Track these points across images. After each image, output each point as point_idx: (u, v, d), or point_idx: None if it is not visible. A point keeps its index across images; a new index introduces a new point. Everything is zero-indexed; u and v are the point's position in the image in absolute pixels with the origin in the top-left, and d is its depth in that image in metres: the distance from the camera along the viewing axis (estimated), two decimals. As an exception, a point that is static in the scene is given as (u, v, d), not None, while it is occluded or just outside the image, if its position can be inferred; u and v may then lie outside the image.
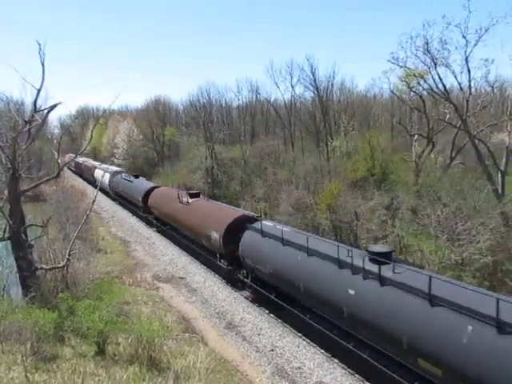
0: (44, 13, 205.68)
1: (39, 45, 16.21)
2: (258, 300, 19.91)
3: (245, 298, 20.76)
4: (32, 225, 18.42)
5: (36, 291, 15.56)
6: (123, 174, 47.86)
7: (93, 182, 59.46)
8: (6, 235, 16.65)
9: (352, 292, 13.30)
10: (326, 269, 14.71)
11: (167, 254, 28.91)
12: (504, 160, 25.84)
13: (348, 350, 14.09)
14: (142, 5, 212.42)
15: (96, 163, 66.35)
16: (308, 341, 16.26)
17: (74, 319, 14.20)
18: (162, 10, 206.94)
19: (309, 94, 50.10)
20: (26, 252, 16.35)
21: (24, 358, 11.46)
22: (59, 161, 18.72)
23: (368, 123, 50.38)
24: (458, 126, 28.51)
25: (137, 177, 45.20)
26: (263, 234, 19.09)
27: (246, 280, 20.77)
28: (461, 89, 28.38)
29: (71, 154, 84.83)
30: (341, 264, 14.10)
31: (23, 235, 16.82)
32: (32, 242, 17.48)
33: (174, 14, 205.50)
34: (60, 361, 12.51)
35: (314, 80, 45.32)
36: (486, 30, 24.80)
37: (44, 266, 16.95)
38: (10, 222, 16.27)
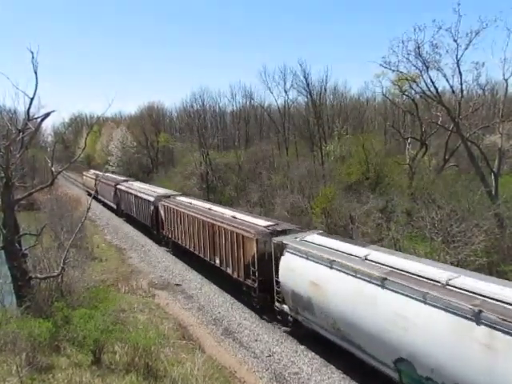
0: (35, 20, 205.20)
1: (32, 53, 16.19)
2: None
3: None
4: (26, 234, 18.28)
5: (30, 301, 15.42)
6: None
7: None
8: (0, 245, 16.53)
9: None
10: None
11: (163, 261, 28.78)
12: (497, 162, 26.05)
13: (345, 353, 14.05)
14: (134, 11, 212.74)
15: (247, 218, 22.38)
16: (305, 346, 16.19)
17: (69, 328, 14.08)
18: (155, 17, 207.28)
19: (302, 99, 50.41)
20: (20, 261, 16.22)
21: (19, 369, 11.35)
22: (53, 169, 18.60)
23: (361, 127, 50.60)
24: (450, 128, 28.72)
25: None
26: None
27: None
28: (453, 92, 28.63)
29: (94, 171, 61.44)
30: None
31: (17, 244, 16.70)
32: (26, 251, 17.35)
33: (167, 20, 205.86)
34: (56, 371, 12.40)
35: (307, 85, 45.54)
36: (477, 34, 25.09)
37: (38, 275, 16.81)
38: (4, 231, 16.15)
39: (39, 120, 18.08)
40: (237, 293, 21.04)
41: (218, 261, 22.11)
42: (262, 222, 20.34)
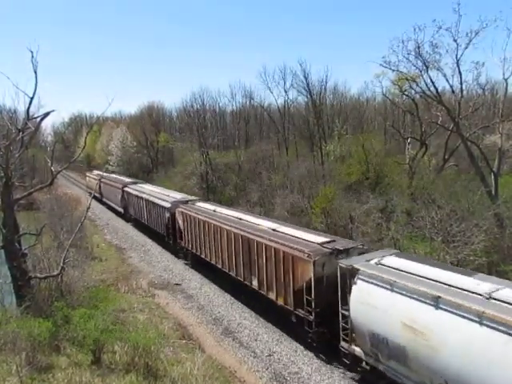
0: (35, 20, 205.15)
1: (31, 53, 16.21)
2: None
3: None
4: (26, 233, 18.30)
5: (30, 300, 15.44)
6: None
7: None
8: (0, 244, 16.53)
9: None
10: None
11: (162, 261, 28.76)
12: (496, 161, 26.05)
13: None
14: (134, 11, 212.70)
15: None
16: (305, 345, 16.19)
17: (69, 328, 14.12)
18: (155, 17, 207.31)
19: (302, 99, 50.43)
20: (19, 261, 16.23)
21: (19, 369, 11.37)
22: (52, 168, 18.61)
23: (361, 127, 50.62)
24: (450, 128, 28.71)
25: None
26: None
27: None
28: (452, 92, 28.64)
29: (98, 172, 56.68)
30: None
31: (17, 244, 16.71)
32: (26, 251, 17.36)
33: (167, 20, 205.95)
34: (55, 370, 12.42)
35: (307, 84, 45.54)
36: (477, 34, 25.11)
37: (38, 275, 16.82)
38: (4, 231, 16.16)
39: (39, 119, 18.12)
40: (237, 293, 21.07)
41: (255, 282, 18.79)
42: (313, 238, 16.87)
